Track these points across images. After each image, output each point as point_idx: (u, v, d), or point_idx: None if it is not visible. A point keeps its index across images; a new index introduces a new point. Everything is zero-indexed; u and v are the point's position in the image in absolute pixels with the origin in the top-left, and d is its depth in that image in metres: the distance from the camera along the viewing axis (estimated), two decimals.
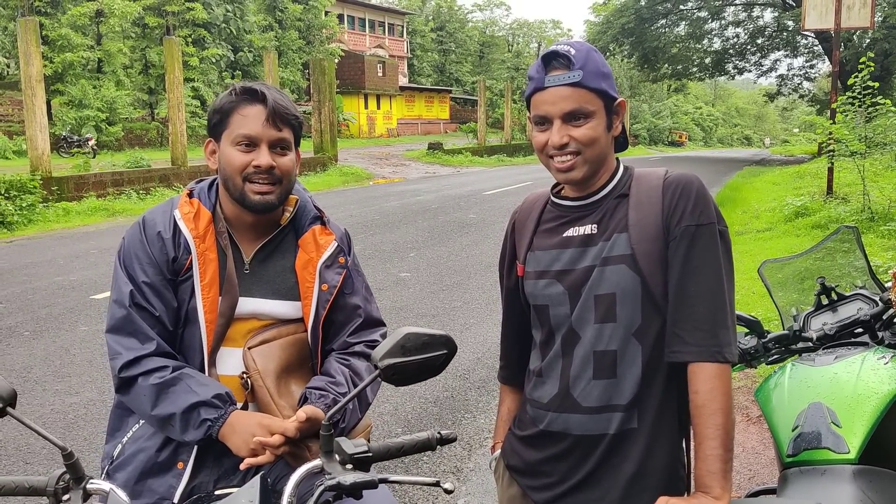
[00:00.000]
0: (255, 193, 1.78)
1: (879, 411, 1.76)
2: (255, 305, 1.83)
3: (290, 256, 1.89)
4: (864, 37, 29.49)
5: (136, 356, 1.73)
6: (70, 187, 15.23)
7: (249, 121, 1.77)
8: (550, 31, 79.63)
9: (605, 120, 1.63)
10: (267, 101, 1.77)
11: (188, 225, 1.79)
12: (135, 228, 1.83)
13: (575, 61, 1.58)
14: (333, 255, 1.90)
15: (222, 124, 1.80)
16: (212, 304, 1.78)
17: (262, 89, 1.79)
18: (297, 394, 1.80)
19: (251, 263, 1.85)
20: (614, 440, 1.63)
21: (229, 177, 1.79)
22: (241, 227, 1.86)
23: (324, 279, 1.87)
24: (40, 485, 1.33)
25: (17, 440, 4.17)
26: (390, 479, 1.38)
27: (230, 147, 1.78)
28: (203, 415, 1.67)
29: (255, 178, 1.77)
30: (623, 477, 1.63)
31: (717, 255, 1.58)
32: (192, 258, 1.77)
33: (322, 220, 1.93)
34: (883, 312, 2.17)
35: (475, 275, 8.68)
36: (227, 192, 1.83)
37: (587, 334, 1.63)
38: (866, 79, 10.61)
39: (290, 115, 1.81)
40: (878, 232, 9.53)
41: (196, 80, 32.10)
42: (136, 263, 1.78)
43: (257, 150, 1.77)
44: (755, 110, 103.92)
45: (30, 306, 7.22)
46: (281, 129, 1.79)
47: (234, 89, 1.81)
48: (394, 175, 24.91)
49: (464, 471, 3.92)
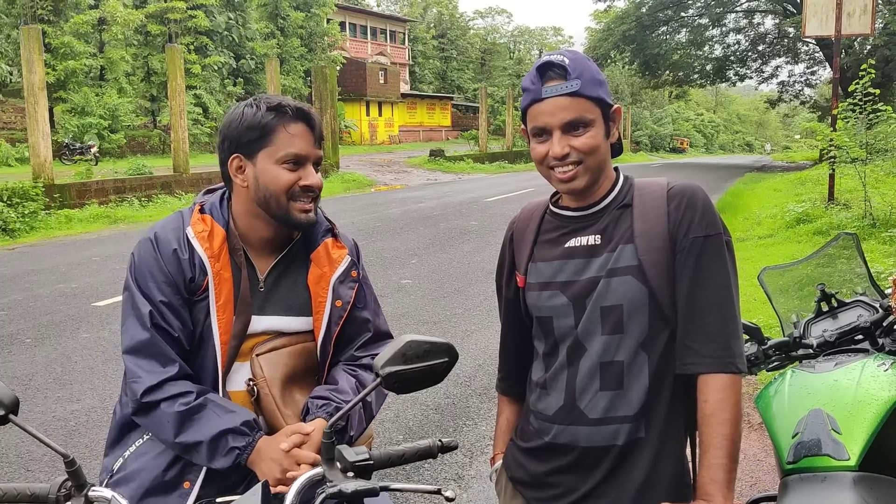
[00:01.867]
0: (300, 212, 1.75)
1: (880, 418, 1.76)
2: (270, 323, 1.80)
3: (303, 271, 1.85)
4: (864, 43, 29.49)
5: (159, 380, 1.68)
6: (72, 194, 15.25)
7: (299, 140, 1.73)
8: (551, 39, 79.85)
9: (603, 128, 1.62)
10: (313, 120, 1.76)
11: (203, 245, 1.74)
12: (147, 246, 1.76)
13: (571, 70, 1.56)
14: (347, 269, 1.86)
15: (262, 141, 1.73)
16: (227, 325, 1.74)
17: (302, 106, 1.75)
18: (301, 403, 1.78)
19: (266, 281, 1.81)
20: (623, 451, 1.62)
21: (273, 195, 1.73)
22: (255, 243, 1.82)
23: (337, 295, 1.83)
24: (42, 492, 1.33)
25: (19, 447, 4.17)
26: (391, 487, 1.38)
27: (273, 165, 1.73)
28: (231, 443, 1.65)
29: (301, 197, 1.74)
30: (632, 487, 1.61)
31: (726, 265, 1.59)
32: (209, 278, 1.73)
33: (333, 233, 1.89)
34: (883, 319, 2.16)
35: (476, 282, 8.68)
36: (265, 211, 1.76)
37: (594, 346, 1.62)
38: (867, 85, 10.61)
39: (322, 134, 1.81)
40: (880, 238, 9.52)
41: (198, 88, 32.20)
42: (151, 282, 1.72)
43: (303, 169, 1.74)
44: (756, 117, 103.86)
45: (31, 313, 7.22)
46: (320, 148, 1.79)
47: (265, 104, 1.75)
48: (395, 182, 24.93)
49: (465, 478, 3.91)
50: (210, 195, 1.87)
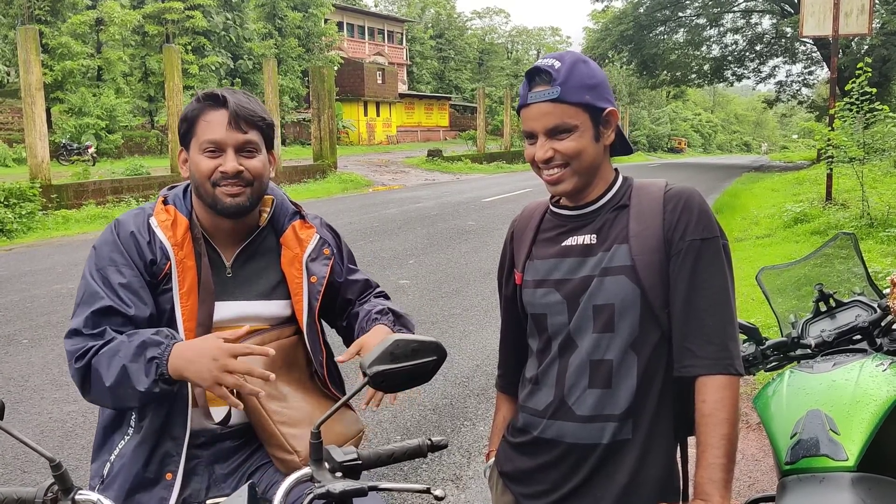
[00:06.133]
0: (225, 196, 1.76)
1: (878, 418, 1.75)
2: (241, 308, 1.82)
3: (273, 256, 1.88)
4: (862, 43, 29.54)
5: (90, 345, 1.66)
6: (69, 195, 15.25)
7: (213, 126, 1.76)
8: (549, 39, 79.91)
9: (591, 131, 1.63)
10: (228, 105, 1.76)
11: (166, 233, 1.77)
12: (106, 233, 1.81)
13: (556, 76, 1.59)
14: (317, 247, 1.91)
15: (190, 132, 1.80)
16: (191, 312, 1.76)
17: (223, 93, 1.78)
18: (289, 396, 1.80)
19: (233, 267, 1.84)
20: (607, 450, 1.63)
21: (200, 183, 1.78)
22: (219, 233, 1.85)
23: (311, 272, 1.88)
24: (29, 496, 1.32)
25: (15, 449, 4.15)
26: (380, 487, 1.37)
27: (198, 154, 1.78)
28: (149, 354, 1.61)
29: (224, 183, 1.76)
30: (616, 487, 1.62)
31: (723, 268, 1.60)
32: (171, 266, 1.75)
33: (301, 215, 1.94)
34: (881, 319, 2.16)
35: (474, 282, 8.68)
36: (199, 199, 1.82)
37: (584, 343, 1.63)
38: (864, 84, 10.61)
39: (256, 117, 1.79)
40: (877, 238, 9.52)
41: (195, 88, 32.11)
42: (110, 266, 1.73)
43: (224, 155, 1.76)
44: (754, 117, 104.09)
45: (28, 314, 7.21)
46: (246, 132, 1.77)
47: (198, 96, 1.81)
48: (393, 182, 24.93)
49: (463, 478, 3.90)
50: (174, 189, 1.92)
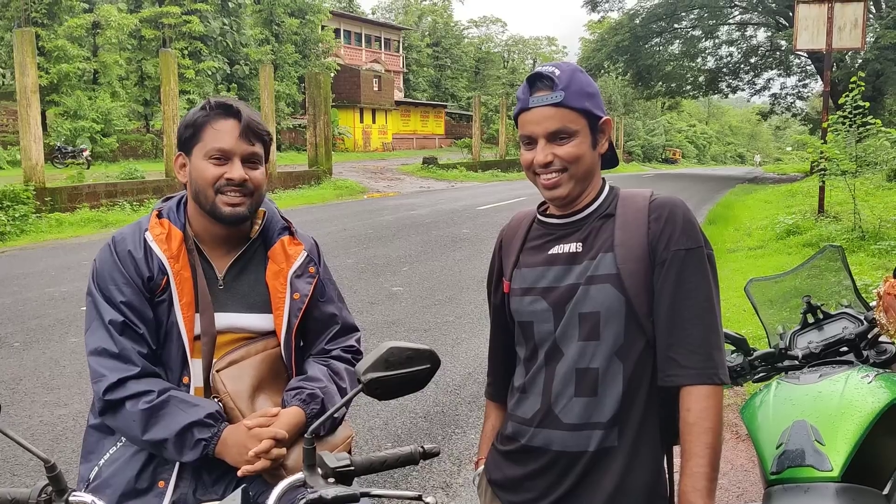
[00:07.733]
0: (226, 205, 1.79)
1: (863, 430, 1.77)
2: (231, 320, 1.84)
3: (262, 269, 1.91)
4: (856, 57, 29.74)
5: (120, 377, 1.71)
6: (63, 198, 15.21)
7: (224, 135, 1.79)
8: (546, 49, 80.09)
9: (589, 138, 1.67)
10: (241, 117, 1.80)
11: (161, 247, 1.81)
12: (105, 251, 1.84)
13: (558, 82, 1.62)
14: (303, 264, 1.93)
15: (194, 138, 1.82)
16: (189, 321, 1.79)
17: (236, 104, 1.82)
18: (273, 410, 1.81)
19: (225, 279, 1.87)
20: (594, 457, 1.64)
21: (201, 189, 1.81)
22: (212, 243, 1.88)
23: (295, 288, 1.89)
24: (22, 497, 1.32)
25: (5, 451, 4.14)
26: (372, 493, 1.38)
27: (203, 160, 1.80)
28: (197, 435, 1.69)
29: (227, 191, 1.79)
30: (603, 494, 1.63)
31: (708, 278, 1.61)
32: (169, 278, 1.78)
33: (290, 231, 1.96)
34: (868, 331, 2.19)
35: (467, 290, 8.69)
36: (197, 205, 1.84)
37: (570, 351, 1.65)
38: (857, 98, 10.68)
39: (262, 131, 1.84)
40: (868, 251, 9.57)
41: (192, 93, 32.13)
42: (112, 285, 1.78)
43: (230, 163, 1.79)
44: (748, 128, 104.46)
45: (20, 317, 7.19)
46: (253, 144, 1.82)
47: (209, 104, 1.83)
48: (388, 189, 24.94)
49: (453, 486, 3.91)
50: (168, 201, 1.94)
